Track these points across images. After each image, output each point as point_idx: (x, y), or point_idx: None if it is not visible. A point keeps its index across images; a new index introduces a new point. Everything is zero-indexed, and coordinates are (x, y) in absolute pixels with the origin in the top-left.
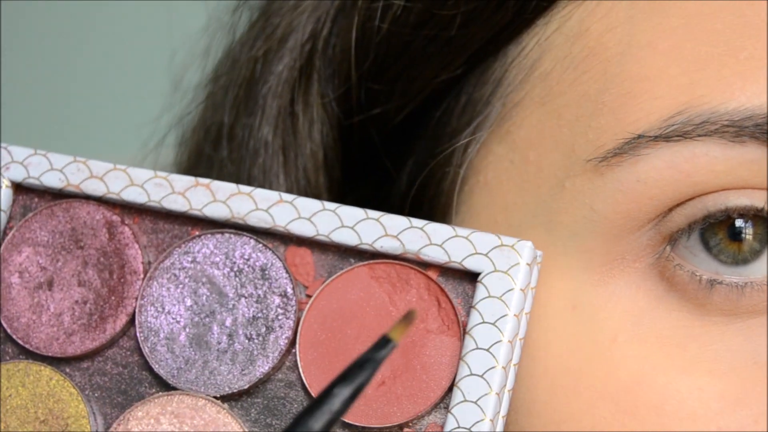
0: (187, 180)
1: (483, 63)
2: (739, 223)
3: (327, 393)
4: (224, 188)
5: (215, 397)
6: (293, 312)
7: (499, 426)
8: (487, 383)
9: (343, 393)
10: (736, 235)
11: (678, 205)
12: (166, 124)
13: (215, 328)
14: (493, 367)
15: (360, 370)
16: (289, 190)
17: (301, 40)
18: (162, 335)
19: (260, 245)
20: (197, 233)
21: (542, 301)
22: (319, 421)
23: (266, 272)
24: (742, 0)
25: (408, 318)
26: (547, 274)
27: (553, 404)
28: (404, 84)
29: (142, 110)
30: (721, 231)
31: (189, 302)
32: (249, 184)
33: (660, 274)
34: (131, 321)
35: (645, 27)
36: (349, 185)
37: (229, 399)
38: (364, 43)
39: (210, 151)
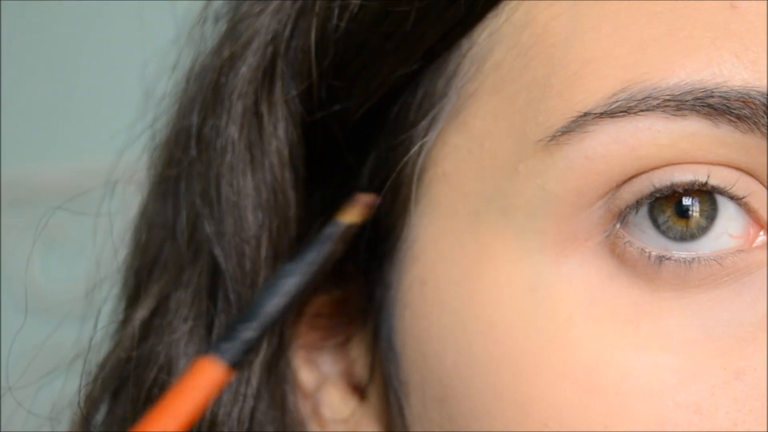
0: None
1: (438, 57)
2: (686, 200)
3: (278, 274)
4: None
5: None
6: None
7: None
8: None
9: (295, 274)
10: (683, 212)
11: (626, 181)
12: (140, 132)
13: None
14: None
15: (314, 254)
16: (256, 187)
17: (264, 42)
18: None
19: None
20: None
21: (501, 285)
22: (273, 302)
23: None
24: None
25: (360, 201)
26: (505, 258)
27: (516, 386)
28: (363, 80)
29: (115, 120)
30: (669, 208)
31: None
32: (217, 182)
33: (611, 252)
34: None
35: (588, 12)
36: (314, 181)
37: None
38: (324, 42)
39: (180, 154)
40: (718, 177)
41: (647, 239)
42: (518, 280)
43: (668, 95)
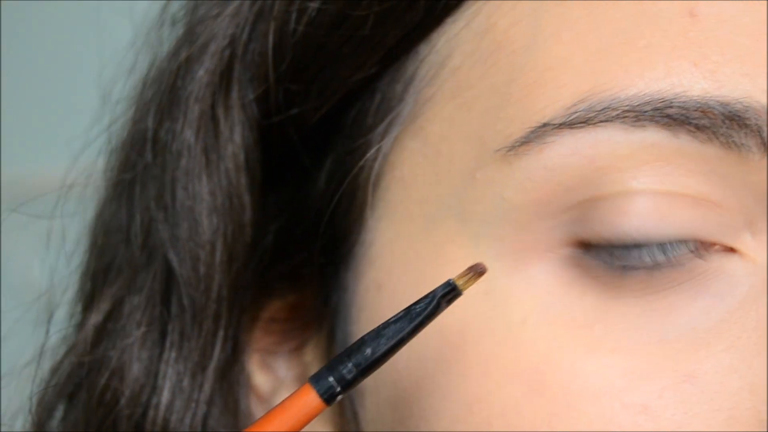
0: None
1: (396, 61)
2: None
3: (390, 323)
4: None
5: None
6: None
7: None
8: None
9: (404, 325)
10: None
11: (584, 191)
12: (96, 135)
13: None
14: None
15: (422, 306)
16: (211, 191)
17: (221, 45)
18: None
19: None
20: None
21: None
22: (380, 347)
23: None
24: None
25: (476, 268)
26: (460, 263)
27: (464, 386)
28: (321, 84)
29: (72, 124)
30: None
31: None
32: (172, 186)
33: (573, 262)
34: None
35: (549, 18)
36: (270, 185)
37: None
38: (282, 45)
39: (135, 157)
40: (675, 185)
41: (611, 249)
42: (473, 285)
43: (627, 106)
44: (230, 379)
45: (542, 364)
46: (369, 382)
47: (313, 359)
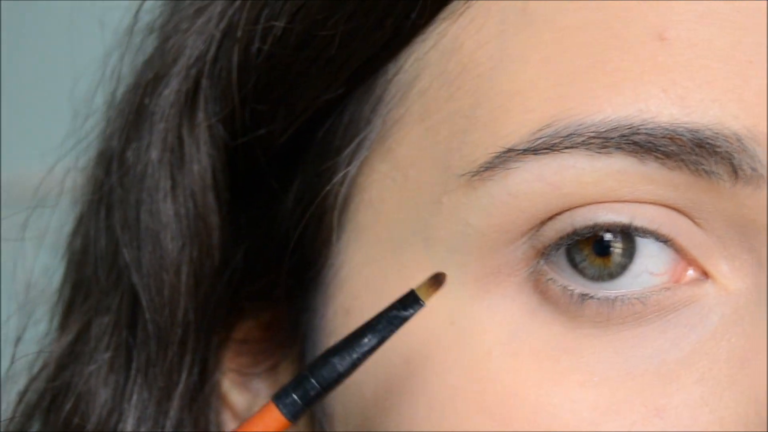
0: None
1: (364, 82)
2: (607, 237)
3: (352, 339)
4: None
5: None
6: None
7: None
8: None
9: (369, 342)
10: (603, 250)
11: (549, 218)
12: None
13: None
14: None
15: (386, 323)
16: (176, 213)
17: (187, 64)
18: None
19: None
20: None
21: (421, 317)
22: (343, 363)
23: None
24: (609, 13)
25: (436, 279)
26: None
27: (430, 419)
28: (288, 104)
29: (46, 137)
30: (587, 247)
31: None
32: (137, 207)
33: (534, 288)
34: None
35: (516, 41)
36: (239, 206)
37: None
38: (247, 64)
39: (102, 176)
40: (643, 218)
41: (568, 276)
42: (438, 313)
43: (593, 132)
44: (200, 401)
45: (508, 397)
46: (338, 409)
47: (287, 379)
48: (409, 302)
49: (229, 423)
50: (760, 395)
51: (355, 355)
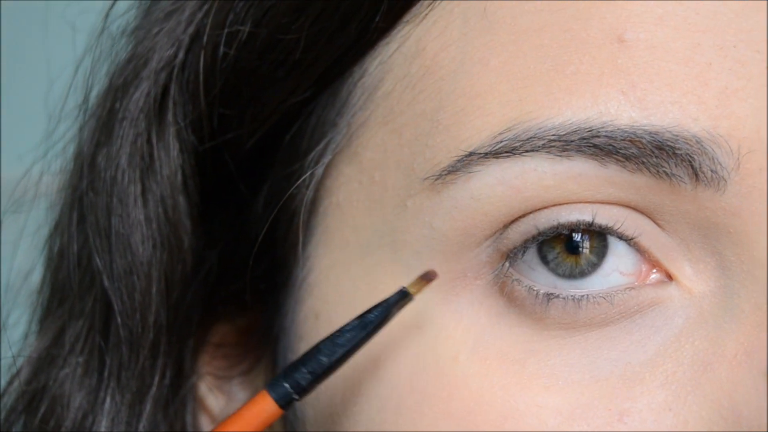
0: None
1: (330, 85)
2: (576, 236)
3: (342, 331)
4: None
5: None
6: None
7: None
8: None
9: (357, 333)
10: (573, 249)
11: (512, 221)
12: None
13: None
14: None
15: (375, 315)
16: (147, 218)
17: (156, 68)
18: None
19: None
20: None
21: (389, 323)
22: (331, 355)
23: None
24: (568, 15)
25: (426, 276)
26: None
27: (398, 424)
28: (255, 108)
29: (22, 139)
30: (559, 245)
31: None
32: (108, 212)
33: (500, 291)
34: None
35: (477, 44)
36: (211, 210)
37: None
38: (214, 69)
39: (75, 181)
40: (605, 216)
41: (536, 276)
42: (406, 318)
43: (553, 135)
44: (176, 404)
45: (475, 402)
46: (309, 412)
47: (261, 384)
48: (399, 296)
49: (206, 426)
50: (723, 399)
51: (346, 348)
